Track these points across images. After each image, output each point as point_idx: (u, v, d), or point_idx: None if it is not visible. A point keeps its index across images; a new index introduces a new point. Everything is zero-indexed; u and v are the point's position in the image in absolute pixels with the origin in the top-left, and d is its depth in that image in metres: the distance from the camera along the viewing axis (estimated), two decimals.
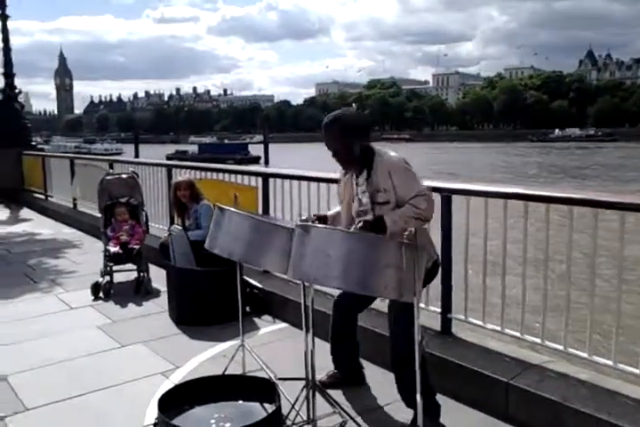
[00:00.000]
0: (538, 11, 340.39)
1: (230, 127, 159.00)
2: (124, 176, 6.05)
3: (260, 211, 5.23)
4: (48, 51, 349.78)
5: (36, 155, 12.16)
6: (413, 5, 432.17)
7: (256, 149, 58.47)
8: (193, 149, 65.36)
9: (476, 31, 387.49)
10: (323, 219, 3.10)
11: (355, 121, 2.91)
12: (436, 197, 3.64)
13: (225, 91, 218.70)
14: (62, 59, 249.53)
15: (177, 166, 6.79)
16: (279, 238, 2.75)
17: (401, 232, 2.38)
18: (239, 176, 5.75)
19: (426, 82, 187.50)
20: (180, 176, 5.92)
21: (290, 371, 3.21)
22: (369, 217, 2.88)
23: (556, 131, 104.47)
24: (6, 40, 13.52)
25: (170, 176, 6.65)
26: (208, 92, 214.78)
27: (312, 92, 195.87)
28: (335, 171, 3.34)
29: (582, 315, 3.31)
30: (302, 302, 3.00)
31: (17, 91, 13.62)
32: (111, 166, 8.21)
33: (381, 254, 2.33)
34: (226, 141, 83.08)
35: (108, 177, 6.05)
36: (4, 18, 13.43)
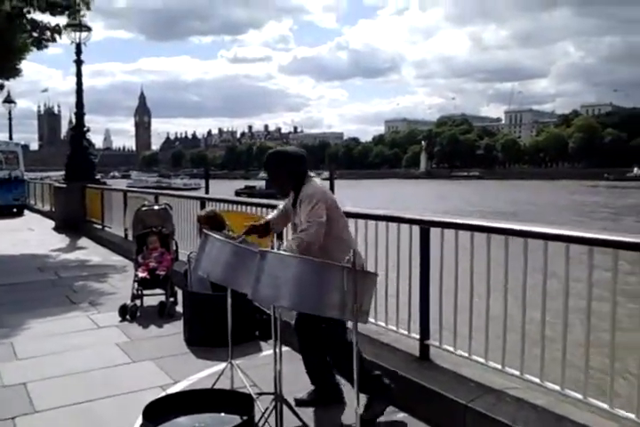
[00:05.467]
0: (616, 45, 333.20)
1: None
2: (156, 208, 6.56)
3: (275, 240, 5.56)
4: (128, 90, 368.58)
5: (96, 188, 13.04)
6: (485, 43, 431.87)
7: None
8: (261, 184, 66.81)
9: (550, 67, 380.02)
10: (264, 225, 3.62)
11: (286, 156, 3.44)
12: (416, 229, 3.92)
13: (295, 128, 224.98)
14: (142, 98, 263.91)
15: (209, 199, 7.27)
16: (254, 263, 3.06)
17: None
18: (264, 209, 6.10)
19: (498, 119, 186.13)
20: (206, 208, 6.37)
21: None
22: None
23: (635, 169, 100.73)
24: (79, 83, 14.66)
25: (203, 208, 7.10)
26: (279, 129, 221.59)
27: (381, 129, 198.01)
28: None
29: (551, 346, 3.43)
30: (272, 315, 3.29)
31: (85, 129, 14.71)
32: (156, 198, 8.79)
33: (325, 278, 2.62)
34: None
35: (143, 208, 6.57)
36: (79, 63, 14.61)
